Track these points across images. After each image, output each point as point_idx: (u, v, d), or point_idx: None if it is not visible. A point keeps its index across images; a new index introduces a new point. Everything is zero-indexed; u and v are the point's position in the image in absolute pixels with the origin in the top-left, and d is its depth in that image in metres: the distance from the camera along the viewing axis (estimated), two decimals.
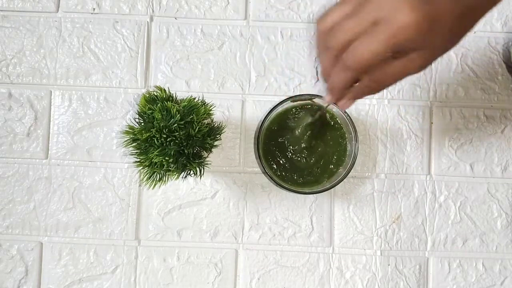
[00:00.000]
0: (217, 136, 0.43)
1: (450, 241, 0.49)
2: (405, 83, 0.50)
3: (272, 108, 0.45)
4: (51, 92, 0.50)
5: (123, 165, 0.49)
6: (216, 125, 0.44)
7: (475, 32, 0.51)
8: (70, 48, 0.50)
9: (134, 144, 0.40)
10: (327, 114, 0.47)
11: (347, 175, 0.44)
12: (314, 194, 0.48)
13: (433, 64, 0.50)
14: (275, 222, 0.49)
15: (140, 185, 0.49)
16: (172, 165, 0.39)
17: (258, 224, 0.49)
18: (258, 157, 0.45)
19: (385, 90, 0.50)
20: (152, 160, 0.38)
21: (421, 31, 0.27)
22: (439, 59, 0.50)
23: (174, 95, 0.43)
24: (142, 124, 0.40)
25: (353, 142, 0.45)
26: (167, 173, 0.39)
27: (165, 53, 0.50)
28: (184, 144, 0.39)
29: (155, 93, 0.41)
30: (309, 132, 0.47)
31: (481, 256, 0.49)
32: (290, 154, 0.47)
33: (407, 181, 0.50)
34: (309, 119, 0.46)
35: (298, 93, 0.50)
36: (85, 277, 0.49)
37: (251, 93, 0.50)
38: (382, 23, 0.27)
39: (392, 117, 0.50)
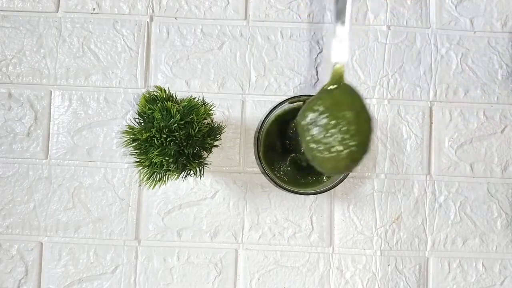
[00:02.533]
0: (217, 136, 0.43)
1: (450, 241, 0.49)
2: (405, 83, 0.50)
3: (271, 110, 0.45)
4: (51, 92, 0.50)
5: (123, 165, 0.49)
6: (216, 125, 0.44)
7: (475, 32, 0.51)
8: (70, 48, 0.50)
9: (134, 144, 0.40)
10: None
11: (347, 175, 0.44)
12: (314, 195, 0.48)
13: (433, 64, 0.50)
14: (275, 222, 0.49)
15: (140, 185, 0.49)
16: (172, 165, 0.39)
17: (258, 224, 0.49)
18: (259, 159, 0.45)
19: (384, 90, 0.50)
20: (152, 160, 0.38)
21: None
22: (439, 59, 0.50)
23: (174, 95, 0.43)
24: (142, 124, 0.40)
25: None
26: (167, 173, 0.39)
27: (165, 53, 0.50)
28: (184, 144, 0.39)
29: (155, 93, 0.41)
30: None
31: (481, 256, 0.49)
32: (290, 155, 0.47)
33: (407, 181, 0.50)
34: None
35: (298, 93, 0.50)
36: (85, 277, 0.49)
37: (251, 93, 0.50)
38: None
39: (392, 117, 0.50)
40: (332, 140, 0.28)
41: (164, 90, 0.42)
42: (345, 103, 0.28)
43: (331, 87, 0.29)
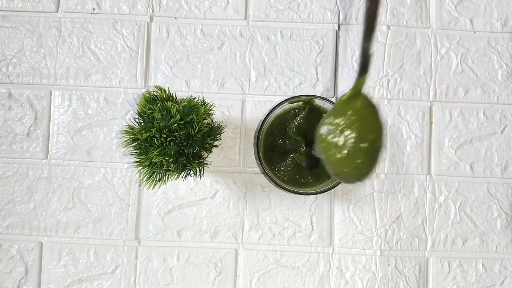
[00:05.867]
0: (217, 136, 0.43)
1: (450, 241, 0.49)
2: (405, 83, 0.50)
3: (271, 110, 0.45)
4: (51, 92, 0.50)
5: (123, 165, 0.49)
6: (216, 125, 0.44)
7: (475, 32, 0.51)
8: (70, 48, 0.50)
9: (134, 144, 0.40)
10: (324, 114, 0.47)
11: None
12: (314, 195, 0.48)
13: (433, 64, 0.50)
14: (275, 222, 0.49)
15: (140, 185, 0.49)
16: (172, 165, 0.39)
17: (258, 224, 0.49)
18: (259, 159, 0.45)
19: (385, 90, 0.50)
20: (152, 160, 0.38)
21: None
22: (439, 59, 0.50)
23: (174, 95, 0.43)
24: (142, 124, 0.40)
25: None
26: (167, 173, 0.39)
27: (165, 53, 0.50)
28: (184, 144, 0.39)
29: (155, 93, 0.41)
30: (308, 132, 0.47)
31: (481, 256, 0.49)
32: (290, 155, 0.47)
33: (407, 181, 0.50)
34: (301, 117, 0.46)
35: (298, 93, 0.50)
36: (85, 277, 0.49)
37: (251, 93, 0.50)
38: None
39: (392, 117, 0.50)
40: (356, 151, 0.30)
41: (164, 90, 0.42)
42: (369, 118, 0.30)
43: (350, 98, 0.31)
